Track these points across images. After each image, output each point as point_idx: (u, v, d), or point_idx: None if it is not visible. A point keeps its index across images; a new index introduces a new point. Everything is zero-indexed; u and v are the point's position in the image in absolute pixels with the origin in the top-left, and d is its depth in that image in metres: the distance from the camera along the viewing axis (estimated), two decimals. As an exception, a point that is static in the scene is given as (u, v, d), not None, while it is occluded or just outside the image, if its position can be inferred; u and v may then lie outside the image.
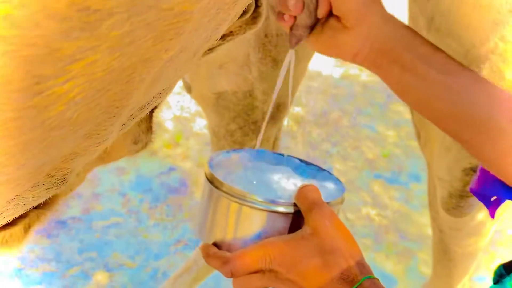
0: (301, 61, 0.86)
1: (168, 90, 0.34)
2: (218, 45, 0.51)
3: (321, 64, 2.16)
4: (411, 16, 0.72)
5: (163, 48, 0.23)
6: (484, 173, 0.56)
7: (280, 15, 0.53)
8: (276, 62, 0.83)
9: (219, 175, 0.49)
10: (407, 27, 0.52)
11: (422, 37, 0.52)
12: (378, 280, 0.45)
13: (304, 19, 0.52)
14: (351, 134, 1.85)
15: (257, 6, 0.52)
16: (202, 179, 0.51)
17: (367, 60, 0.52)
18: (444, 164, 0.67)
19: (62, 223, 1.48)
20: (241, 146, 0.94)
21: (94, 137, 0.27)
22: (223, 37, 0.51)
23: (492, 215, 0.57)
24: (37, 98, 0.19)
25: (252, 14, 0.52)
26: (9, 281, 1.34)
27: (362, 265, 0.45)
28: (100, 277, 1.37)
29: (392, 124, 1.89)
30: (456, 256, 0.85)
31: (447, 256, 0.86)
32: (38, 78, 0.18)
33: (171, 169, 1.66)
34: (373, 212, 1.56)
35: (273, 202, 0.47)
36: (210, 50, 0.51)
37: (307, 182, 0.50)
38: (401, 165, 1.73)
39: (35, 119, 0.20)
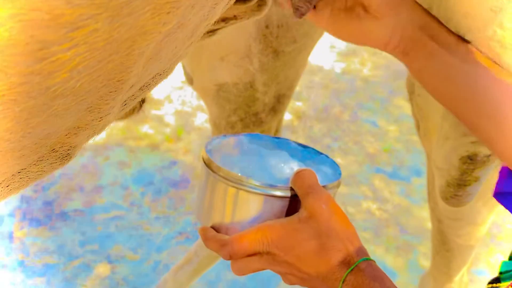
0: (302, 51, 0.86)
1: (167, 71, 0.35)
2: (221, 27, 0.52)
3: (323, 59, 2.17)
4: None
5: (160, 22, 0.24)
6: (501, 173, 0.56)
7: None
8: (277, 53, 0.83)
9: (216, 160, 0.49)
10: (432, 16, 0.54)
11: (446, 27, 0.53)
12: (374, 262, 0.45)
13: None
14: (352, 129, 1.85)
15: None
16: (200, 164, 0.52)
17: (398, 48, 0.53)
18: (442, 153, 0.68)
19: (64, 216, 1.49)
20: (242, 137, 0.95)
21: (96, 111, 0.28)
22: (226, 20, 0.51)
23: None
24: (41, 64, 0.20)
25: (258, 1, 0.53)
26: (11, 273, 1.35)
27: (358, 248, 0.45)
28: (102, 269, 1.38)
29: (393, 118, 1.89)
30: (454, 246, 0.86)
31: (445, 247, 0.87)
32: (42, 43, 0.19)
33: (173, 163, 1.67)
34: (373, 206, 1.57)
35: (270, 186, 0.47)
36: (212, 32, 0.51)
37: (304, 166, 0.51)
38: (402, 159, 1.74)
39: (40, 85, 0.21)
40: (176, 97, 1.92)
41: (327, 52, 2.19)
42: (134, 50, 0.24)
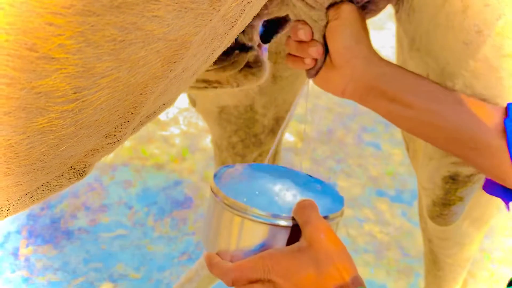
0: (299, 77, 0.92)
1: (171, 102, 0.43)
2: (204, 88, 0.59)
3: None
4: (397, 38, 0.80)
5: (168, 69, 0.31)
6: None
7: (298, 59, 0.61)
8: (275, 78, 0.89)
9: (223, 189, 0.52)
10: (389, 63, 0.59)
11: (405, 70, 0.59)
12: None
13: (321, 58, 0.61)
14: (355, 152, 1.91)
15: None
16: (208, 192, 0.56)
17: (353, 96, 0.60)
18: (426, 173, 0.74)
19: (69, 234, 1.56)
20: (243, 158, 1.00)
21: (111, 137, 0.36)
22: (209, 83, 0.59)
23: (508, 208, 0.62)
24: (74, 104, 0.27)
25: (245, 71, 0.60)
26: (16, 289, 1.42)
27: (354, 277, 0.48)
28: (105, 287, 1.44)
29: (397, 142, 1.94)
30: (445, 266, 0.92)
31: (436, 266, 0.92)
32: (76, 89, 0.27)
33: (177, 183, 1.74)
34: (375, 229, 1.61)
35: (274, 216, 0.50)
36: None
37: (307, 195, 0.53)
38: (404, 183, 1.79)
39: (71, 119, 0.29)
40: (182, 119, 2.01)
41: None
42: (146, 91, 0.32)
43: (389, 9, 0.73)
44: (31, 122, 0.27)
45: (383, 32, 2.37)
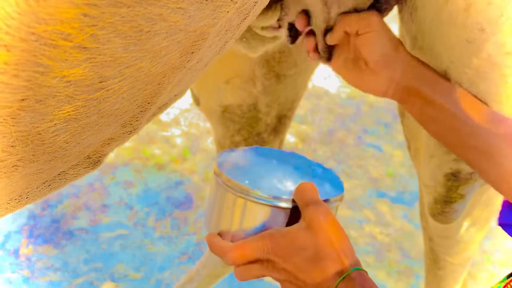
0: (302, 75, 0.94)
1: (182, 93, 0.45)
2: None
3: (328, 84, 2.27)
4: (400, 36, 0.81)
5: (186, 59, 0.33)
6: (503, 204, 0.63)
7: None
8: (279, 77, 0.91)
9: (226, 171, 0.54)
10: (426, 65, 0.64)
11: (439, 74, 0.63)
12: (366, 272, 0.50)
13: (320, 43, 0.67)
14: (356, 153, 1.93)
15: None
16: (211, 175, 0.58)
17: (394, 96, 0.64)
18: (428, 170, 0.76)
19: (69, 234, 1.57)
20: (245, 157, 1.03)
21: (128, 126, 0.38)
22: None
23: None
24: (99, 92, 0.29)
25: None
26: (17, 288, 1.43)
27: (351, 258, 0.49)
28: (105, 287, 1.46)
29: (398, 143, 1.96)
30: (446, 265, 0.93)
31: (437, 265, 0.94)
32: (102, 78, 0.29)
33: (178, 183, 1.76)
34: (376, 230, 1.63)
35: (275, 197, 0.52)
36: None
37: (307, 179, 0.55)
38: (405, 184, 1.81)
39: (95, 108, 0.30)
40: (183, 120, 2.03)
41: (332, 77, 2.29)
42: (164, 81, 0.34)
43: (393, 11, 0.75)
44: (59, 110, 0.29)
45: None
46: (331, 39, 0.66)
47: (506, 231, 0.63)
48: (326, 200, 0.53)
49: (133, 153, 1.86)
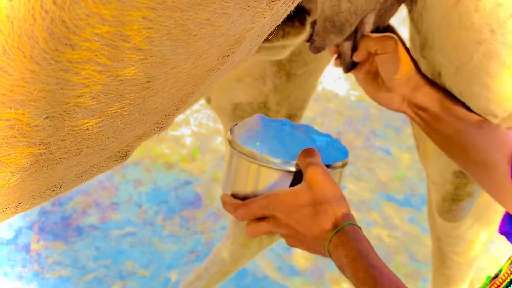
0: (312, 75, 0.97)
1: (206, 93, 0.49)
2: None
3: (338, 87, 2.30)
4: (410, 37, 0.83)
5: (221, 62, 0.37)
6: (505, 215, 0.67)
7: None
8: (289, 76, 0.94)
9: (240, 140, 0.61)
10: (434, 83, 0.69)
11: (451, 95, 0.68)
12: (359, 227, 0.56)
13: (345, 57, 0.74)
14: (365, 156, 1.96)
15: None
16: (226, 143, 0.64)
17: (406, 111, 0.70)
18: (437, 168, 0.79)
19: (79, 231, 1.61)
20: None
21: (159, 123, 0.41)
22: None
23: None
24: (145, 91, 0.33)
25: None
26: (27, 284, 1.47)
27: (346, 214, 0.56)
28: (114, 284, 1.50)
29: (406, 147, 1.99)
30: (453, 264, 0.97)
31: (444, 265, 0.97)
32: (149, 78, 0.32)
33: (187, 182, 1.80)
34: (383, 233, 1.66)
35: (281, 162, 0.59)
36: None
37: (313, 146, 0.62)
38: (414, 187, 1.84)
39: (139, 106, 0.34)
40: (193, 120, 2.07)
41: (342, 80, 2.33)
42: (199, 82, 0.37)
43: (402, 14, 0.78)
44: (108, 107, 0.32)
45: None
46: (357, 57, 0.74)
47: (509, 240, 0.67)
48: (328, 165, 0.60)
49: (143, 152, 1.90)
